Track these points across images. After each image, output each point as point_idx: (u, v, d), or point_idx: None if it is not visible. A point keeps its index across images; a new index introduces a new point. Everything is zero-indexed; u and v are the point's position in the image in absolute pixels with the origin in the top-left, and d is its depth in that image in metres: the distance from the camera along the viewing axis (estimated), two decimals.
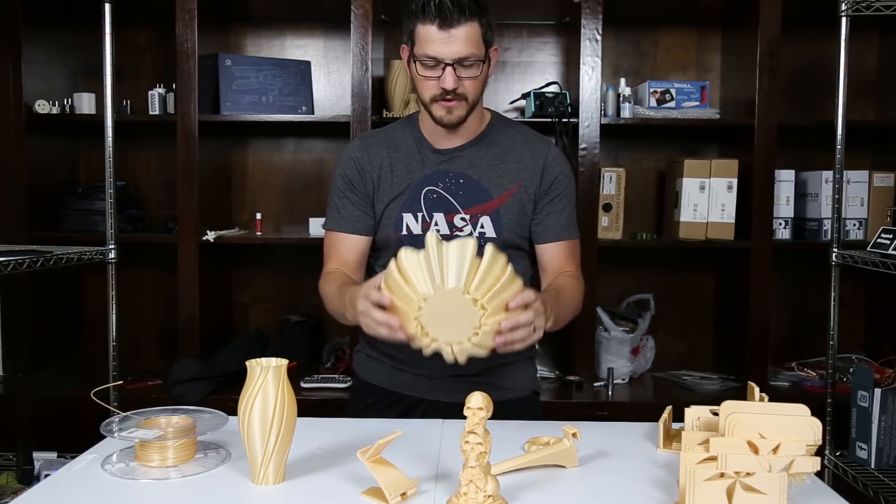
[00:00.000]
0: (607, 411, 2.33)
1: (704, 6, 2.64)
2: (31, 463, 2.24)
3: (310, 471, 1.17)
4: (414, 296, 1.16)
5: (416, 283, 1.16)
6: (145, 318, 2.83)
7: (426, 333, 1.17)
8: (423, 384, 1.57)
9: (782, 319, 2.79)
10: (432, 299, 1.15)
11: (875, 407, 1.99)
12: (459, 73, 1.42)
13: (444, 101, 1.45)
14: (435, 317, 1.16)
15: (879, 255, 1.96)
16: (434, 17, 1.38)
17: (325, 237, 1.60)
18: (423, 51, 1.41)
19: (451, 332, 1.17)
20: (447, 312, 1.16)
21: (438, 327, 1.17)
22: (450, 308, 1.16)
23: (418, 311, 1.16)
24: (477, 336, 1.17)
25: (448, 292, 1.14)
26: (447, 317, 1.16)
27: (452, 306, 1.15)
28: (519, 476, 1.16)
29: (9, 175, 2.48)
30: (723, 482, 0.97)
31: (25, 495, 1.08)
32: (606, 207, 2.54)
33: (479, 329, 1.16)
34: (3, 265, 1.67)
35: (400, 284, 1.18)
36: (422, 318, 1.17)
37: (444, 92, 1.43)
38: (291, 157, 2.83)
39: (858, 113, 2.71)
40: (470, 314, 1.16)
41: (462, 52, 1.40)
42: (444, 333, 1.17)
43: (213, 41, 2.57)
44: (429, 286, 1.15)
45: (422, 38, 1.41)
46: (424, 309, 1.16)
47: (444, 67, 1.41)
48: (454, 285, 1.14)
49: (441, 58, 1.40)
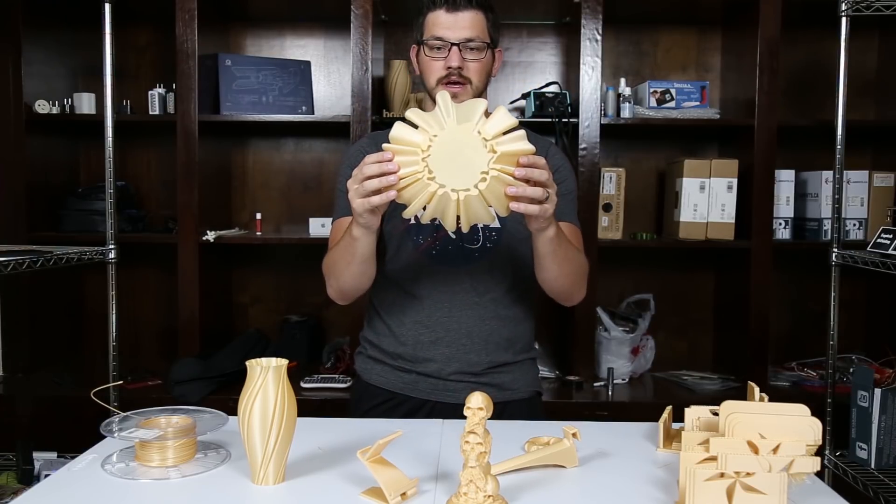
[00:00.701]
0: (607, 411, 2.33)
1: (704, 6, 2.64)
2: (31, 463, 2.24)
3: (310, 471, 1.17)
4: (422, 137, 1.14)
5: (426, 127, 1.15)
6: (145, 318, 2.83)
7: (433, 178, 1.14)
8: (426, 385, 1.57)
9: (782, 319, 2.79)
10: (442, 137, 1.13)
11: (875, 407, 1.99)
12: (465, 54, 1.49)
13: (449, 85, 1.50)
14: (443, 159, 1.13)
15: (879, 255, 1.96)
16: (442, 2, 1.50)
17: (332, 227, 1.60)
18: (431, 33, 1.50)
19: (458, 177, 1.14)
20: (455, 152, 1.13)
21: (446, 171, 1.14)
22: (459, 150, 1.13)
23: (427, 149, 1.14)
24: (485, 182, 1.14)
25: (459, 130, 1.13)
26: (455, 159, 1.14)
27: (462, 147, 1.13)
28: (519, 476, 1.16)
29: (9, 175, 2.48)
30: (723, 482, 0.97)
31: (25, 495, 1.08)
32: (606, 207, 2.54)
33: (488, 174, 1.14)
34: (3, 265, 1.66)
35: (407, 131, 1.16)
36: (430, 158, 1.14)
37: (449, 73, 1.49)
38: (291, 157, 2.83)
39: (858, 113, 2.71)
40: (479, 156, 1.14)
41: (467, 34, 1.49)
42: (450, 178, 1.14)
43: (213, 41, 2.57)
44: (440, 126, 1.14)
45: (430, 24, 1.51)
46: (433, 148, 1.13)
47: (450, 48, 1.49)
48: (465, 122, 1.13)
49: (447, 38, 1.49)
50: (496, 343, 1.57)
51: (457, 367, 1.55)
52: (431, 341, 1.56)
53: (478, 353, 1.56)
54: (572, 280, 1.50)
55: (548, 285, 1.50)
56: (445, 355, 1.55)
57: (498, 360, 1.58)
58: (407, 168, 1.17)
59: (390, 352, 1.59)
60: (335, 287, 1.52)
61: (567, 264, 1.45)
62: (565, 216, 1.57)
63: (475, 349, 1.56)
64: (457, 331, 1.55)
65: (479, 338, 1.56)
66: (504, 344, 1.59)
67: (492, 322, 1.57)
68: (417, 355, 1.56)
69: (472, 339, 1.56)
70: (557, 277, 1.47)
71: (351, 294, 1.54)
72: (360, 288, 1.52)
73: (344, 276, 1.48)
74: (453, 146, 1.14)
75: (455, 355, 1.55)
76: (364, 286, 1.52)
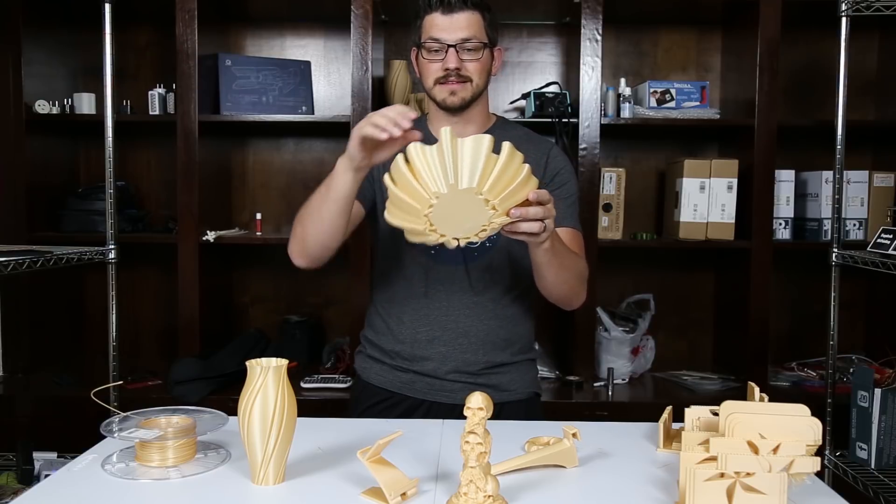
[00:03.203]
0: (607, 411, 2.33)
1: (704, 6, 2.64)
2: (31, 463, 2.24)
3: (310, 471, 1.17)
4: (425, 193, 1.15)
5: (428, 180, 1.15)
6: (145, 318, 2.83)
7: (434, 230, 1.18)
8: (423, 385, 1.57)
9: (782, 319, 2.79)
10: (444, 198, 1.14)
11: (875, 407, 1.99)
12: (462, 55, 1.50)
13: (448, 83, 1.51)
14: (445, 214, 1.16)
15: (879, 255, 1.95)
16: (437, 5, 1.50)
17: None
18: (428, 35, 1.51)
19: (460, 228, 1.18)
20: (457, 210, 1.15)
21: (447, 224, 1.17)
22: (461, 207, 1.15)
23: (429, 208, 1.15)
24: (485, 232, 1.19)
25: (461, 192, 1.13)
26: (457, 215, 1.16)
27: (464, 205, 1.15)
28: (519, 476, 1.16)
29: (9, 175, 2.48)
30: (723, 482, 0.97)
31: (25, 495, 1.08)
32: (606, 207, 2.54)
33: (488, 226, 1.18)
34: (3, 265, 1.66)
35: (408, 178, 1.16)
36: (432, 215, 1.16)
37: (446, 74, 1.50)
38: (291, 157, 2.83)
39: (858, 113, 2.71)
40: (481, 213, 1.16)
41: (463, 35, 1.49)
42: (451, 230, 1.18)
43: (213, 41, 2.57)
44: (441, 184, 1.14)
45: (427, 26, 1.52)
46: (435, 207, 1.15)
47: (446, 50, 1.49)
48: (467, 186, 1.13)
49: (443, 40, 1.49)
50: (493, 343, 1.57)
51: (453, 367, 1.55)
52: (429, 340, 1.56)
53: (475, 353, 1.56)
54: (570, 286, 1.50)
55: (546, 292, 1.51)
56: (442, 354, 1.55)
57: (495, 360, 1.58)
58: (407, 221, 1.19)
59: (388, 350, 1.60)
60: (299, 235, 1.49)
61: (564, 272, 1.45)
62: (566, 221, 1.57)
63: (472, 349, 1.56)
64: (454, 329, 1.55)
65: (476, 337, 1.56)
66: (502, 344, 1.59)
67: (490, 321, 1.57)
68: (415, 353, 1.57)
69: (470, 339, 1.56)
70: (555, 285, 1.47)
71: (312, 247, 1.48)
72: (322, 242, 1.46)
73: (311, 219, 1.45)
74: (455, 207, 1.15)
75: (452, 354, 1.55)
76: (326, 242, 1.45)
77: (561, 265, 1.42)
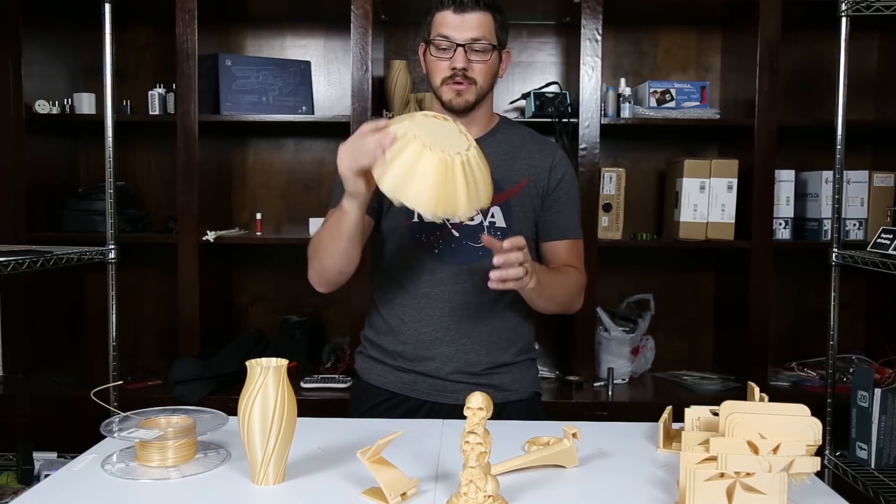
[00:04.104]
0: (607, 411, 2.33)
1: (704, 6, 2.64)
2: (31, 463, 2.24)
3: (310, 471, 1.17)
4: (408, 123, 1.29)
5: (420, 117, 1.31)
6: (145, 318, 2.83)
7: (418, 138, 1.25)
8: (425, 386, 1.57)
9: (782, 319, 2.79)
10: (430, 123, 1.29)
11: (875, 407, 1.99)
12: (470, 56, 1.50)
13: (454, 84, 1.52)
14: (430, 132, 1.26)
15: (879, 255, 1.96)
16: (450, 3, 1.50)
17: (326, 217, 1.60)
18: (438, 32, 1.51)
19: (438, 145, 1.25)
20: (440, 135, 1.28)
21: (432, 139, 1.26)
22: (443, 134, 1.29)
23: (415, 136, 1.25)
24: (470, 150, 1.28)
25: (444, 124, 1.32)
26: (440, 138, 1.27)
27: (445, 133, 1.30)
28: (519, 476, 1.16)
29: (9, 175, 2.48)
30: (723, 482, 0.97)
31: (25, 495, 1.08)
32: (606, 207, 2.54)
33: (470, 147, 1.29)
34: (3, 265, 1.67)
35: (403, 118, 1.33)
36: (419, 129, 1.26)
37: (454, 73, 1.50)
38: (291, 157, 2.83)
39: (858, 113, 2.71)
40: (458, 141, 1.29)
41: (474, 35, 1.49)
42: (433, 143, 1.26)
43: (213, 41, 2.57)
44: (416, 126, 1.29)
45: (437, 23, 1.51)
46: (422, 124, 1.28)
47: (455, 48, 1.49)
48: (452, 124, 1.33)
49: (453, 38, 1.49)
50: (496, 343, 1.58)
51: (455, 367, 1.55)
52: (431, 340, 1.56)
53: (477, 354, 1.56)
54: (563, 307, 1.58)
55: (540, 312, 1.58)
56: (445, 354, 1.55)
57: (497, 360, 1.58)
58: (397, 127, 1.28)
59: (390, 350, 1.60)
60: (317, 268, 1.50)
61: (553, 300, 1.52)
62: (568, 232, 1.61)
63: (475, 349, 1.56)
64: (457, 330, 1.55)
65: (478, 337, 1.56)
66: (504, 344, 1.59)
67: (493, 322, 1.57)
68: (417, 354, 1.56)
69: (472, 339, 1.56)
70: (546, 309, 1.55)
71: (331, 276, 1.50)
72: (340, 271, 1.48)
73: (327, 254, 1.46)
74: (438, 132, 1.28)
75: (454, 355, 1.55)
76: (344, 270, 1.48)
77: (551, 296, 1.50)
